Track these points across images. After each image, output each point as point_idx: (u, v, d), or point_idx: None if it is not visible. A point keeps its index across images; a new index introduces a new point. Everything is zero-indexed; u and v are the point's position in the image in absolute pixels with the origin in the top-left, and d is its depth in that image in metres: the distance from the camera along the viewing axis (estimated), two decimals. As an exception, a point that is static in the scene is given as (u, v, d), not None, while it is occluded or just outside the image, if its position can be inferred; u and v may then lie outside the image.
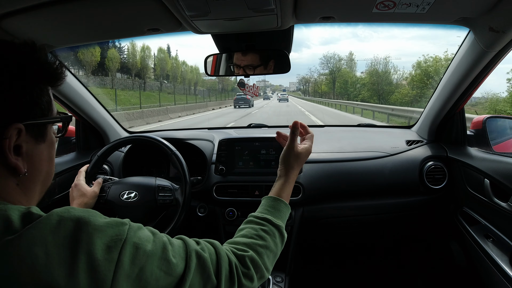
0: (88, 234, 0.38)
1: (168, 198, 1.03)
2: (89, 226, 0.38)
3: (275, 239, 0.64)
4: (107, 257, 0.37)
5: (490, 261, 0.99)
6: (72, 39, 1.03)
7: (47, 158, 0.48)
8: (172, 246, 0.46)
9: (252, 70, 1.09)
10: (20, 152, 0.43)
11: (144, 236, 0.43)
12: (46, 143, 0.47)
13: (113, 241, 0.39)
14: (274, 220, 0.66)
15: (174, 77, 32.44)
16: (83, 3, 0.76)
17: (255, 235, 0.62)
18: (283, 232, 0.67)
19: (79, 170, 1.04)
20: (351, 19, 0.91)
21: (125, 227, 0.41)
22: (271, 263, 0.62)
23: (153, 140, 1.10)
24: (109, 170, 1.40)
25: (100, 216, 0.41)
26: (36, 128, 0.45)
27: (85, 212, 0.41)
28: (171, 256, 0.44)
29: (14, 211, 0.38)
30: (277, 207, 0.70)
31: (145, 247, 0.41)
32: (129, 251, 0.39)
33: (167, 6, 0.75)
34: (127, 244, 0.40)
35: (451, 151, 1.29)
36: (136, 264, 0.40)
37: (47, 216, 0.38)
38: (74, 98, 1.30)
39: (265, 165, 1.27)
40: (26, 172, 0.43)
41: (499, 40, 0.87)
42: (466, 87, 1.14)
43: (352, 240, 1.60)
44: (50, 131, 0.48)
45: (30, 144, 0.44)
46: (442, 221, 1.37)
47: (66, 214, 0.39)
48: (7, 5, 0.74)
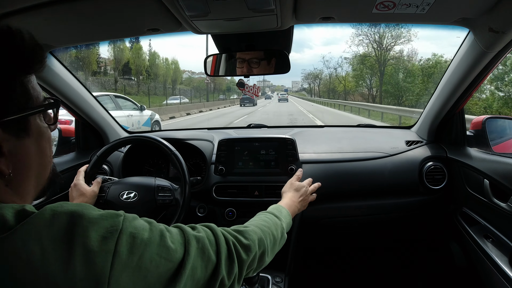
0: (83, 227, 0.37)
1: (167, 198, 1.03)
2: (83, 219, 0.38)
3: (276, 226, 0.72)
4: (104, 248, 0.37)
5: (489, 262, 0.99)
6: (72, 39, 1.03)
7: (37, 151, 0.45)
8: (170, 232, 0.46)
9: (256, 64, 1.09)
10: (2, 152, 0.40)
11: (140, 225, 0.42)
12: (32, 137, 0.44)
13: (109, 232, 0.38)
14: (277, 214, 0.78)
15: (138, 72, 24.83)
16: (83, 3, 0.76)
17: (259, 218, 0.72)
18: (283, 225, 0.75)
19: (79, 170, 1.04)
20: (351, 19, 0.92)
21: (120, 218, 0.41)
22: (271, 247, 0.66)
23: (153, 140, 1.10)
24: (109, 170, 1.40)
25: (93, 209, 0.41)
26: (15, 124, 0.41)
27: (78, 205, 0.40)
28: (169, 242, 0.44)
29: (8, 209, 0.38)
30: (279, 209, 0.82)
31: (142, 236, 0.41)
32: (125, 241, 0.39)
33: (167, 6, 0.75)
34: (123, 234, 0.39)
35: (450, 152, 1.30)
36: (134, 253, 0.39)
37: (40, 212, 0.38)
38: (74, 98, 1.30)
39: (265, 165, 1.27)
40: (11, 172, 0.41)
41: (498, 40, 0.87)
42: (465, 88, 1.14)
43: (351, 240, 1.60)
44: (34, 122, 0.44)
45: (12, 142, 0.41)
46: (441, 222, 1.37)
47: (59, 209, 0.38)
48: (7, 5, 0.74)
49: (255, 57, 1.09)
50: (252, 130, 1.75)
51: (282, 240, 0.73)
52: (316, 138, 1.52)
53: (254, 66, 1.09)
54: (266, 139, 1.29)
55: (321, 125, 1.90)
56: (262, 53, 1.09)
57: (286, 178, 1.25)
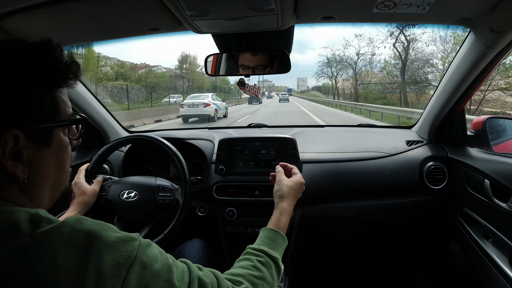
0: (99, 249, 0.38)
1: (168, 198, 1.03)
2: (100, 240, 0.38)
3: (271, 270, 0.64)
4: (115, 273, 0.37)
5: (490, 262, 0.99)
6: (72, 38, 1.03)
7: (55, 163, 0.46)
8: (176, 268, 0.46)
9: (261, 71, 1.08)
10: (20, 158, 0.41)
11: (152, 255, 0.43)
12: (53, 148, 0.45)
13: (123, 257, 0.39)
14: (270, 251, 0.67)
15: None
16: (83, 3, 0.76)
17: (251, 266, 0.62)
18: (279, 264, 0.67)
19: (79, 168, 1.05)
20: (352, 19, 0.91)
21: (135, 243, 0.41)
22: None
23: (154, 140, 1.10)
24: (109, 169, 1.40)
25: (111, 230, 0.41)
26: (38, 134, 0.43)
27: (96, 224, 0.40)
28: (175, 279, 0.44)
29: (21, 213, 0.38)
30: (273, 239, 0.71)
31: (152, 267, 0.41)
32: (136, 270, 0.39)
33: (167, 5, 0.75)
34: (136, 262, 0.40)
35: (451, 152, 1.29)
36: (141, 284, 0.40)
37: (58, 226, 0.38)
38: (74, 98, 1.30)
39: (265, 165, 1.27)
40: (26, 178, 0.42)
41: (499, 40, 0.87)
42: (466, 88, 1.14)
43: (352, 240, 1.60)
44: (57, 135, 0.46)
45: (32, 150, 0.42)
46: (442, 222, 1.37)
47: (78, 226, 0.39)
48: (7, 4, 0.74)
49: (259, 64, 1.08)
50: (252, 129, 1.75)
51: (278, 279, 0.67)
52: (316, 138, 1.52)
53: (259, 73, 1.09)
54: (266, 138, 1.29)
55: (321, 124, 1.90)
56: (266, 59, 1.08)
57: None
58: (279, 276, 0.67)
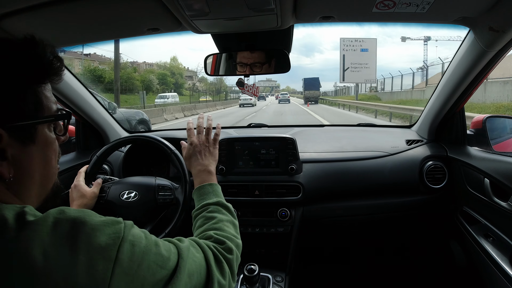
0: (86, 234, 0.38)
1: (168, 197, 1.03)
2: (85, 225, 0.38)
3: (221, 211, 0.71)
4: (105, 255, 0.38)
5: (490, 261, 0.99)
6: (72, 39, 1.03)
7: (41, 160, 0.45)
8: (162, 242, 0.48)
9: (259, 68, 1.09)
10: (5, 157, 0.40)
11: (137, 234, 0.44)
12: (38, 145, 0.44)
13: (111, 238, 0.39)
14: (209, 201, 0.73)
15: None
16: (83, 3, 0.76)
17: (205, 219, 0.69)
18: (223, 203, 0.74)
19: (79, 171, 1.04)
20: (351, 18, 0.91)
21: (121, 225, 0.42)
22: (235, 230, 0.68)
23: (153, 140, 1.10)
24: (109, 170, 1.40)
25: (95, 215, 0.41)
26: (22, 131, 0.42)
27: (80, 212, 0.40)
28: (163, 250, 0.46)
29: (8, 210, 0.38)
30: (204, 192, 0.77)
31: (140, 244, 0.42)
32: (126, 249, 0.40)
33: (167, 6, 0.75)
34: (124, 241, 0.40)
35: (451, 151, 1.29)
36: (134, 261, 0.40)
37: (43, 218, 0.38)
38: (74, 98, 1.30)
39: (265, 165, 1.27)
40: (12, 176, 0.41)
41: (499, 39, 0.87)
42: (466, 87, 1.14)
43: (352, 240, 1.60)
44: (42, 132, 0.45)
45: (16, 148, 0.41)
46: (442, 221, 1.37)
47: (61, 215, 0.39)
48: (7, 5, 0.74)
49: (257, 61, 1.08)
50: (252, 129, 1.75)
51: (233, 215, 0.74)
52: (316, 138, 1.52)
53: (257, 70, 1.09)
54: (266, 138, 1.28)
55: (321, 124, 1.90)
56: (264, 56, 1.09)
57: (286, 178, 1.25)
58: (230, 212, 0.74)
